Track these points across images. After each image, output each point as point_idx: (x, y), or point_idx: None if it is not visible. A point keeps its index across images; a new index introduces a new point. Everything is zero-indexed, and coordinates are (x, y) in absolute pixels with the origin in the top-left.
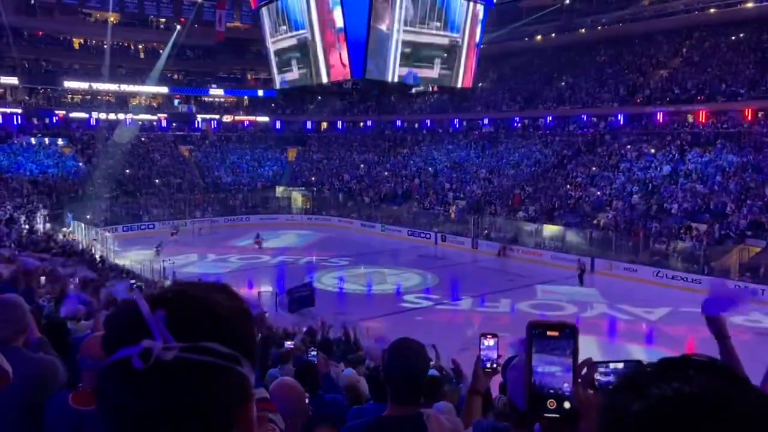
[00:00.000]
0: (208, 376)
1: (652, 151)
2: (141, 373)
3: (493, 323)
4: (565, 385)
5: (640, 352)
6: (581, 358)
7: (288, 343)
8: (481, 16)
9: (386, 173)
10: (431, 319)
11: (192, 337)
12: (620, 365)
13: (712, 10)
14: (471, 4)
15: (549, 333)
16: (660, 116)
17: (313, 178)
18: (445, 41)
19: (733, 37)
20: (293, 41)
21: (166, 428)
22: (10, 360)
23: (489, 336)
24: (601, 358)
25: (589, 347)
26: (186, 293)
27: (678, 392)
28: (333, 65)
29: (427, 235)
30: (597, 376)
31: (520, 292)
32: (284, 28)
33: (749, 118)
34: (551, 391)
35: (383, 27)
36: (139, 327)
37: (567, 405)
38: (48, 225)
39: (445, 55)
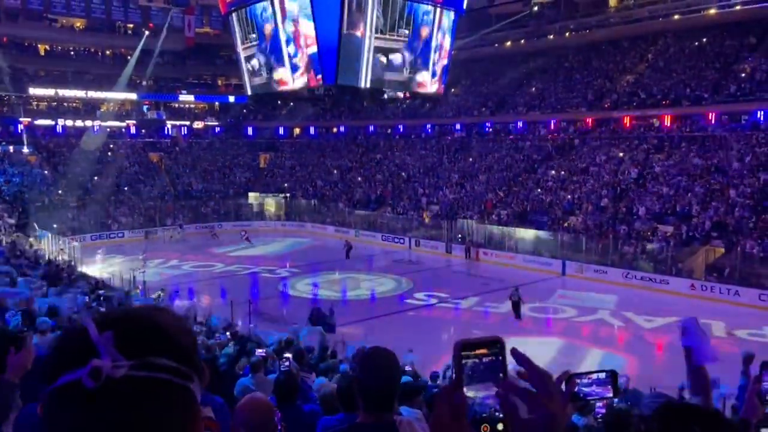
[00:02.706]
0: (159, 392)
1: (620, 154)
2: (92, 393)
3: (489, 326)
4: (496, 405)
5: (601, 357)
6: (562, 367)
7: (259, 351)
8: (450, 22)
9: (359, 179)
10: (424, 319)
11: (141, 355)
12: (602, 374)
13: (676, 17)
14: (439, 11)
15: (477, 352)
16: (627, 120)
17: (286, 185)
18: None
19: (697, 43)
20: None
21: None
22: None
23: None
24: (572, 360)
25: (566, 350)
26: (131, 314)
27: None
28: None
29: (401, 240)
30: (581, 387)
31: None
32: (254, 36)
33: (713, 121)
34: (484, 414)
35: (357, 34)
36: (86, 349)
37: (500, 427)
38: (13, 235)
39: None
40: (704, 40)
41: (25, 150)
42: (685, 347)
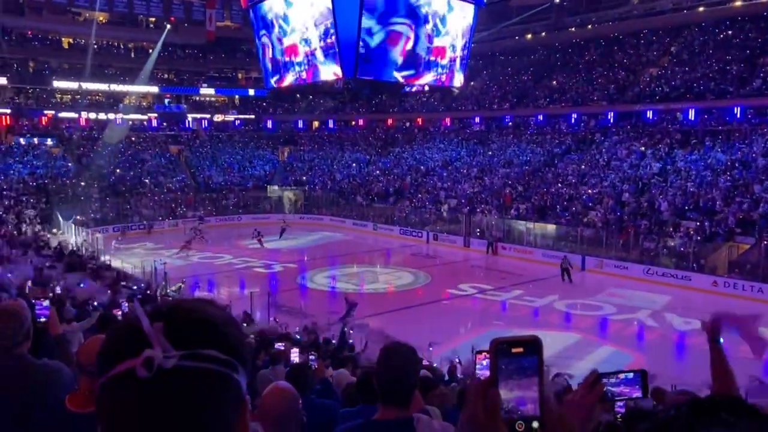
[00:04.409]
0: (209, 382)
1: (642, 149)
2: (145, 383)
3: (508, 318)
4: (532, 404)
5: (608, 354)
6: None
7: (278, 345)
8: (471, 16)
9: (378, 172)
10: (442, 311)
11: (190, 345)
12: (630, 374)
13: (700, 9)
14: (459, 3)
15: (514, 350)
16: (650, 114)
17: (304, 178)
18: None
19: (722, 35)
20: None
21: None
22: (14, 367)
23: (485, 353)
24: (576, 354)
25: (576, 345)
26: (182, 306)
27: None
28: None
29: (419, 234)
30: (609, 387)
31: (554, 288)
32: (275, 30)
33: (738, 115)
34: (519, 412)
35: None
36: (138, 340)
37: (535, 425)
38: (38, 226)
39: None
40: (729, 32)
41: (49, 142)
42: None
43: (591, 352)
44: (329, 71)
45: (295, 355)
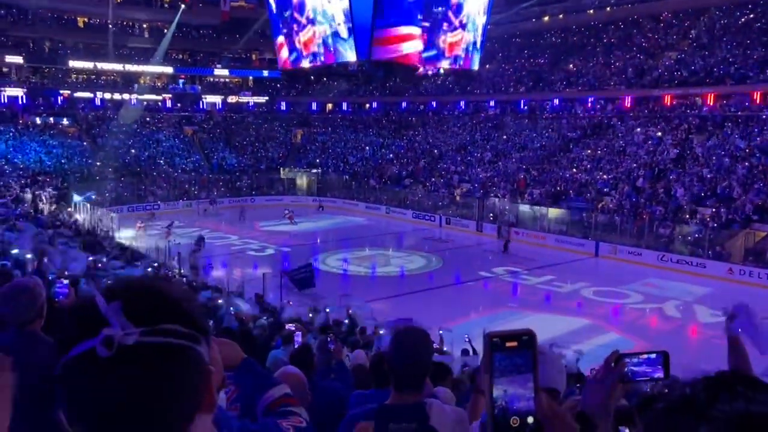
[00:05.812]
0: (170, 356)
1: (659, 134)
2: (107, 362)
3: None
4: (527, 399)
5: (611, 340)
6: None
7: (289, 326)
8: None
9: (391, 155)
10: (452, 296)
11: (150, 322)
12: (653, 355)
13: None
14: None
15: (508, 344)
16: (668, 99)
17: (317, 160)
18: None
19: (743, 19)
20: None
21: (138, 415)
22: (28, 344)
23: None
24: (576, 338)
25: (580, 331)
26: (136, 283)
27: (746, 412)
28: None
29: (432, 218)
30: (631, 367)
31: (585, 275)
32: (287, 12)
33: (758, 101)
34: (513, 407)
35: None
36: (96, 319)
37: (530, 420)
38: (54, 205)
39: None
40: (750, 16)
41: (65, 122)
42: (732, 335)
43: (593, 337)
44: (349, 51)
45: (298, 337)
